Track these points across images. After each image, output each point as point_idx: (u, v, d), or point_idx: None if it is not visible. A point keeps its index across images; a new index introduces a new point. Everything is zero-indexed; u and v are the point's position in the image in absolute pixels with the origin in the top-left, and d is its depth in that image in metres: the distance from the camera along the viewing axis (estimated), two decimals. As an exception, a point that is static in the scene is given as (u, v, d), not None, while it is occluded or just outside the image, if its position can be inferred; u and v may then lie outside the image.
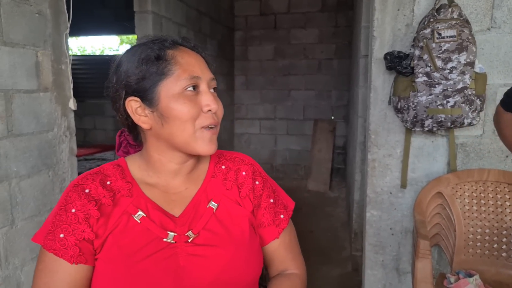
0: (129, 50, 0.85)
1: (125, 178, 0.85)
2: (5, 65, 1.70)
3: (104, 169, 0.86)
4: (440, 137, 1.84)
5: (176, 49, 0.82)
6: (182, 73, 0.79)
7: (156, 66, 0.79)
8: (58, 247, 0.77)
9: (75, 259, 0.77)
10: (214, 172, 0.92)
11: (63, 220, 0.79)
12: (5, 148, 1.71)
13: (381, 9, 1.80)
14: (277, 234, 0.92)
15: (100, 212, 0.80)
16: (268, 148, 5.62)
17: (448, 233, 1.74)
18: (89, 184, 0.82)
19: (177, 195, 0.87)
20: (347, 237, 3.48)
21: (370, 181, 1.93)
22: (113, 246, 0.79)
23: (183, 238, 0.82)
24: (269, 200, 0.92)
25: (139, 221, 0.81)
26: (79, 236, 0.78)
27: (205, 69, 0.84)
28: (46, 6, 1.91)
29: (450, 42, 1.57)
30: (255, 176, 0.93)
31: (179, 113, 0.78)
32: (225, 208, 0.87)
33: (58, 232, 0.78)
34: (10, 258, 1.74)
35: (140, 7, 3.01)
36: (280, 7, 5.34)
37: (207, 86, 0.83)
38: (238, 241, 0.85)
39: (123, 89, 0.81)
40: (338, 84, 5.29)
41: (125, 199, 0.82)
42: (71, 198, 0.80)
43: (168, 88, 0.79)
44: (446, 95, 1.60)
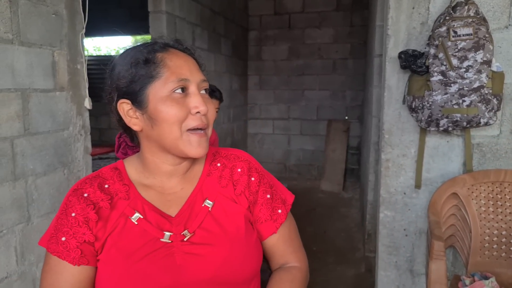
0: (121, 53, 0.87)
1: (122, 181, 0.87)
2: (22, 65, 1.73)
3: (102, 172, 0.89)
4: (455, 137, 1.81)
5: (166, 51, 0.83)
6: (170, 76, 0.80)
7: (145, 69, 0.80)
8: (60, 249, 0.80)
9: (77, 261, 0.80)
10: (210, 171, 0.92)
11: (64, 223, 0.82)
12: (22, 146, 1.74)
13: (396, 7, 1.78)
14: (275, 229, 0.92)
15: (98, 215, 0.82)
16: (282, 148, 5.61)
17: (463, 235, 1.71)
18: (87, 188, 0.84)
19: (173, 195, 0.88)
20: (361, 238, 3.45)
21: (384, 181, 1.91)
22: (112, 247, 0.81)
23: (179, 237, 0.83)
24: (266, 196, 0.93)
25: (136, 223, 0.83)
26: (80, 238, 0.81)
27: (195, 71, 0.84)
28: (62, 6, 1.94)
29: (466, 41, 1.55)
30: (251, 172, 0.93)
31: (166, 116, 0.79)
32: (221, 206, 0.88)
33: (60, 235, 0.81)
34: (26, 254, 1.77)
35: (154, 7, 3.04)
36: (295, 6, 5.32)
37: (196, 88, 0.82)
38: (233, 238, 0.85)
39: (115, 92, 0.84)
40: (353, 84, 5.25)
41: (122, 201, 0.85)
42: (71, 203, 0.83)
43: (157, 91, 0.80)
44: (462, 94, 1.58)
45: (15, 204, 1.71)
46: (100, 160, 4.19)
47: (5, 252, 1.66)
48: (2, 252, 1.65)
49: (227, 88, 4.59)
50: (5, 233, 1.67)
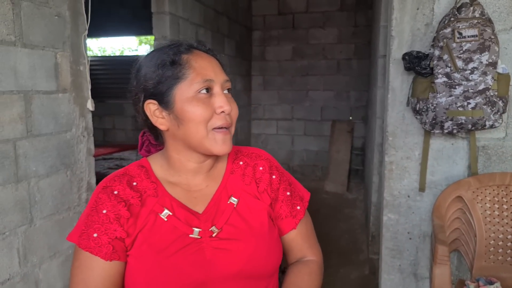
0: (147, 55, 0.89)
1: (149, 179, 0.90)
2: (25, 67, 1.73)
3: (129, 170, 0.91)
4: (460, 139, 1.79)
5: (191, 53, 0.86)
6: (195, 77, 0.82)
7: (171, 71, 0.83)
8: (92, 245, 0.83)
9: (109, 256, 0.82)
10: (233, 169, 0.96)
11: (95, 220, 0.84)
12: (25, 148, 1.74)
13: (400, 8, 1.76)
14: (294, 225, 0.97)
15: (130, 212, 0.85)
16: (285, 148, 5.59)
17: (468, 239, 1.69)
18: (117, 185, 0.87)
19: (199, 192, 0.91)
20: (365, 240, 3.43)
21: (387, 184, 1.89)
22: (143, 243, 0.84)
23: (208, 233, 0.86)
24: (286, 193, 0.97)
25: (166, 219, 0.86)
26: (112, 235, 0.83)
27: (219, 71, 0.87)
28: (65, 8, 1.94)
29: (471, 42, 1.53)
30: (272, 170, 0.97)
31: (192, 115, 0.82)
32: (245, 202, 0.92)
33: (91, 231, 0.83)
34: (28, 256, 1.77)
35: (157, 8, 3.03)
36: (299, 6, 5.30)
37: (220, 88, 0.85)
38: (258, 234, 0.89)
39: (142, 92, 0.86)
40: (357, 84, 5.22)
41: (151, 198, 0.87)
42: (101, 200, 0.85)
43: (183, 91, 0.82)
44: (467, 96, 1.56)
45: (18, 206, 1.71)
46: (104, 161, 4.19)
47: (7, 253, 1.66)
48: (5, 253, 1.65)
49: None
50: (8, 235, 1.67)
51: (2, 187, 1.63)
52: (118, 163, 4.11)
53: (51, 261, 1.90)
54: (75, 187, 2.05)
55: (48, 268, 1.88)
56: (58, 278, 1.94)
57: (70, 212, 2.01)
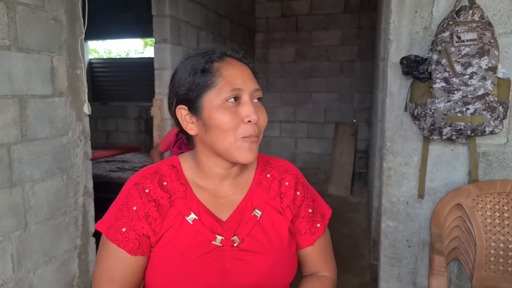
0: (183, 61, 0.91)
1: (179, 180, 0.91)
2: (20, 71, 1.72)
3: (161, 169, 0.93)
4: (460, 145, 1.75)
5: (222, 61, 0.87)
6: (224, 85, 0.83)
7: (202, 78, 0.85)
8: (120, 238, 0.85)
9: (135, 251, 0.85)
10: (260, 181, 0.96)
11: (125, 215, 0.87)
12: (19, 153, 1.73)
13: (398, 11, 1.73)
14: (312, 241, 0.97)
15: (159, 213, 0.87)
16: (288, 151, 5.56)
17: (468, 247, 1.65)
18: (148, 184, 0.89)
19: (225, 199, 0.92)
20: (367, 245, 3.39)
21: (386, 190, 1.86)
22: (169, 244, 0.86)
23: (229, 242, 0.88)
24: (308, 210, 0.97)
25: (192, 223, 0.87)
26: (139, 231, 0.86)
27: (249, 80, 0.87)
28: (61, 12, 1.94)
29: (470, 46, 1.49)
30: (297, 186, 0.97)
31: (220, 123, 0.83)
32: (268, 216, 0.92)
33: (120, 225, 0.86)
34: (22, 261, 1.76)
35: (158, 11, 3.03)
36: (302, 8, 5.28)
37: (249, 97, 0.85)
38: (278, 249, 0.90)
39: (174, 97, 0.89)
40: (361, 86, 5.18)
41: (179, 200, 0.89)
42: (133, 196, 0.88)
43: (211, 99, 0.84)
44: (466, 102, 1.52)
45: (12, 211, 1.70)
46: (106, 163, 4.19)
47: (1, 259, 1.66)
48: (-2, 259, 1.64)
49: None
50: (1, 240, 1.66)
51: (-4, 192, 1.62)
52: (120, 165, 4.10)
53: (46, 266, 1.89)
54: (72, 191, 2.04)
55: (43, 274, 1.87)
56: (54, 284, 1.93)
57: (66, 216, 2.00)
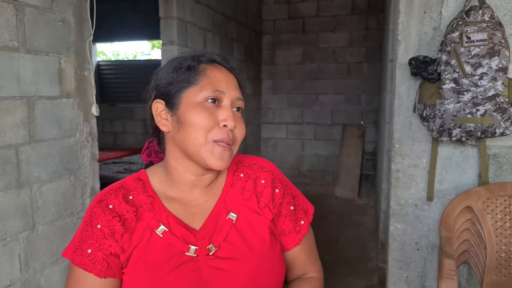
0: (171, 59, 0.91)
1: (146, 192, 0.86)
2: (28, 72, 1.73)
3: (126, 183, 0.88)
4: (470, 147, 1.73)
5: (210, 64, 0.86)
6: (206, 85, 0.82)
7: (186, 75, 0.83)
8: (86, 262, 0.80)
9: (104, 273, 0.79)
10: (233, 181, 0.91)
11: (89, 235, 0.81)
12: (27, 154, 1.74)
13: (407, 11, 1.71)
14: (298, 240, 0.92)
15: (125, 228, 0.82)
16: (295, 153, 5.54)
17: (478, 251, 1.63)
18: (112, 199, 0.84)
19: (197, 207, 0.87)
20: (374, 248, 3.36)
21: (394, 193, 1.84)
22: (138, 260, 0.81)
23: (205, 251, 0.82)
24: (290, 207, 0.92)
25: (162, 236, 0.82)
26: (106, 251, 0.80)
27: (233, 87, 0.85)
28: (69, 14, 1.94)
29: (480, 46, 1.47)
30: (275, 183, 0.92)
31: (194, 121, 0.80)
32: (245, 218, 0.87)
33: (85, 247, 0.81)
34: (30, 262, 1.77)
35: (165, 13, 3.04)
36: (309, 10, 5.27)
37: (230, 103, 0.83)
38: (259, 252, 0.85)
39: (153, 91, 0.87)
40: (368, 88, 5.16)
41: (147, 213, 0.84)
42: (96, 214, 0.83)
43: (190, 96, 0.82)
44: (476, 103, 1.50)
45: (20, 212, 1.71)
46: (114, 164, 4.20)
47: (8, 259, 1.66)
48: (6, 259, 1.64)
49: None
50: (9, 240, 1.66)
51: (4, 192, 1.63)
52: (127, 166, 4.11)
53: (53, 267, 1.89)
54: (79, 192, 2.04)
55: (50, 274, 1.88)
56: (60, 285, 1.93)
57: (73, 217, 2.00)
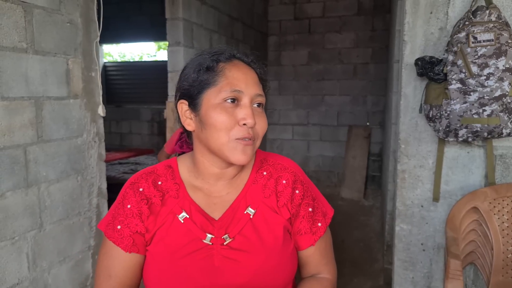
0: (193, 58, 0.93)
1: (174, 180, 0.93)
2: (36, 73, 1.75)
3: (157, 169, 0.95)
4: (476, 147, 1.72)
5: (229, 62, 0.87)
6: (225, 85, 0.84)
7: (206, 75, 0.86)
8: (116, 236, 0.89)
9: (129, 248, 0.88)
10: (256, 178, 0.95)
11: (120, 213, 0.90)
12: (35, 154, 1.76)
13: (413, 12, 1.71)
14: (313, 241, 0.94)
15: (150, 210, 0.89)
16: (301, 154, 5.54)
17: (484, 252, 1.62)
18: (143, 183, 0.92)
19: (219, 199, 0.92)
20: (380, 249, 3.35)
21: (400, 193, 1.84)
22: (160, 242, 0.87)
23: (220, 240, 0.87)
24: (308, 209, 0.94)
25: (182, 221, 0.88)
26: (133, 229, 0.89)
27: (252, 84, 0.87)
28: (77, 15, 1.96)
29: (487, 47, 1.47)
30: (296, 184, 0.95)
31: (214, 122, 0.83)
32: (262, 214, 0.91)
33: (116, 223, 0.90)
34: (38, 261, 1.78)
35: (171, 14, 3.05)
36: (315, 11, 5.27)
37: (249, 100, 0.85)
38: (270, 248, 0.88)
39: (178, 92, 0.91)
40: (375, 89, 5.14)
41: (172, 199, 0.90)
42: (128, 195, 0.91)
43: (210, 97, 0.84)
44: (482, 103, 1.49)
45: (28, 211, 1.73)
46: (120, 165, 4.23)
47: (16, 258, 1.68)
48: (14, 258, 1.66)
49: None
50: (17, 239, 1.68)
51: (12, 192, 1.65)
52: (133, 167, 4.14)
53: (60, 266, 1.91)
54: (86, 192, 2.06)
55: (58, 273, 1.90)
56: (68, 283, 1.95)
57: (81, 217, 2.02)
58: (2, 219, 1.60)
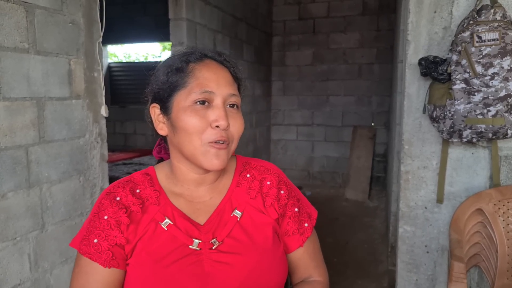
0: (164, 60, 0.90)
1: (153, 187, 0.89)
2: (38, 73, 1.75)
3: (134, 177, 0.91)
4: (481, 148, 1.70)
5: (200, 62, 0.84)
6: (195, 87, 0.80)
7: (175, 77, 0.82)
8: (92, 251, 0.82)
9: (108, 263, 0.81)
10: (239, 181, 0.93)
11: (96, 226, 0.84)
12: (37, 154, 1.76)
13: (416, 11, 1.69)
14: (302, 242, 0.93)
15: (130, 219, 0.84)
16: (305, 155, 5.52)
17: (489, 254, 1.59)
18: (120, 192, 0.86)
19: (202, 204, 0.89)
20: (385, 250, 3.32)
21: (403, 195, 1.82)
22: (142, 251, 0.82)
23: (208, 245, 0.84)
24: (294, 209, 0.93)
25: (166, 228, 0.84)
26: (112, 241, 0.82)
27: (225, 84, 0.83)
28: (79, 15, 1.96)
29: (491, 46, 1.44)
30: (280, 185, 0.93)
31: (185, 125, 0.80)
32: (249, 216, 0.89)
33: (92, 237, 0.83)
34: (39, 262, 1.78)
35: (175, 14, 3.05)
36: (319, 11, 5.25)
37: (222, 101, 0.82)
38: (261, 248, 0.86)
39: (150, 95, 0.88)
40: (379, 89, 5.11)
41: (153, 207, 0.86)
42: (104, 205, 0.85)
43: (180, 100, 0.81)
44: (487, 103, 1.47)
45: (29, 212, 1.73)
46: (124, 166, 4.23)
47: (18, 259, 1.68)
48: (16, 259, 1.66)
49: (250, 94, 4.56)
50: (19, 240, 1.68)
51: (14, 192, 1.65)
52: (137, 168, 4.14)
53: (62, 266, 1.91)
54: (88, 193, 2.06)
55: (59, 274, 1.89)
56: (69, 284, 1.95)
57: (83, 218, 2.02)
58: (3, 219, 1.60)
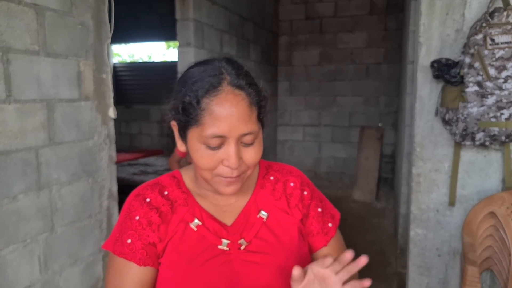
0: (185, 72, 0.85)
1: (181, 189, 0.91)
2: (48, 75, 1.75)
3: (161, 180, 0.93)
4: (493, 151, 1.68)
5: (214, 95, 0.77)
6: (208, 128, 0.77)
7: (191, 110, 0.78)
8: (126, 251, 0.84)
9: (143, 261, 0.83)
10: (263, 183, 0.95)
11: (128, 226, 0.85)
12: (47, 156, 1.76)
13: (428, 13, 1.67)
14: (325, 242, 0.94)
15: (162, 219, 0.86)
16: (312, 155, 5.50)
17: (501, 257, 1.58)
18: (149, 194, 0.88)
19: (228, 206, 0.91)
20: (393, 252, 3.30)
21: (415, 197, 1.80)
22: (174, 251, 0.84)
23: (236, 245, 0.86)
24: (317, 210, 0.94)
25: (195, 229, 0.86)
26: (145, 240, 0.84)
27: (238, 124, 0.77)
28: (88, 17, 1.96)
29: (505, 49, 1.42)
30: (303, 187, 0.95)
31: (197, 162, 0.81)
32: (275, 217, 0.90)
33: (125, 238, 0.85)
34: (49, 263, 1.79)
35: (182, 15, 3.05)
36: (327, 11, 5.23)
37: (234, 142, 0.78)
38: (288, 248, 0.87)
39: (171, 110, 0.84)
40: (387, 89, 5.09)
41: (181, 208, 0.88)
42: (134, 207, 0.87)
43: (193, 135, 0.80)
44: (500, 106, 1.45)
45: (39, 213, 1.73)
46: (129, 166, 4.24)
47: (28, 261, 1.68)
48: (26, 261, 1.67)
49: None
50: (29, 242, 1.69)
51: (24, 194, 1.65)
52: (143, 168, 4.15)
53: (72, 268, 1.91)
54: (97, 194, 2.06)
55: (69, 276, 1.90)
56: (79, 286, 1.95)
57: (92, 219, 2.02)
58: (14, 221, 1.60)
